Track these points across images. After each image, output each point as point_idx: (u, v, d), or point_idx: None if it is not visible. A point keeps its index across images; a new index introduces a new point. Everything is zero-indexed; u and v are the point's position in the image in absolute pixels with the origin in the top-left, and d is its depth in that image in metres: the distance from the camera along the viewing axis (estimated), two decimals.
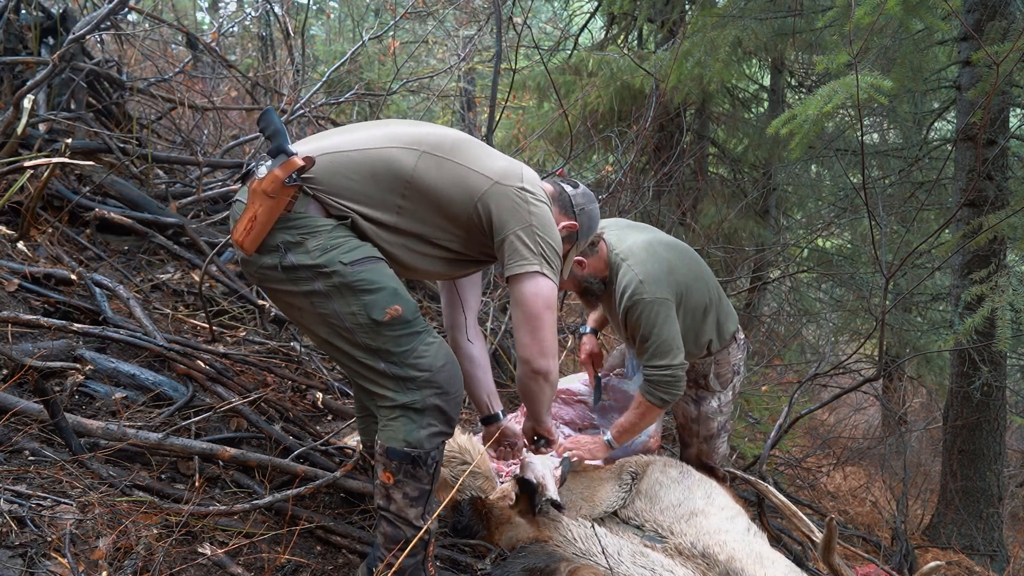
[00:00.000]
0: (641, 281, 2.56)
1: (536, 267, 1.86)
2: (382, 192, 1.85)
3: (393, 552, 1.85)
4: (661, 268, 2.61)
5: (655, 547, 2.39)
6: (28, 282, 2.79)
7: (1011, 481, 6.31)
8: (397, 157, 1.85)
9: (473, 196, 1.87)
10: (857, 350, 4.23)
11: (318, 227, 1.80)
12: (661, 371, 2.58)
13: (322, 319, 1.83)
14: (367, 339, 1.81)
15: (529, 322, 1.90)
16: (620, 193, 5.55)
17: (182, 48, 6.16)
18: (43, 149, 3.44)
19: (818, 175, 7.81)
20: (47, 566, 1.63)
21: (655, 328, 2.55)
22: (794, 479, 5.69)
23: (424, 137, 1.90)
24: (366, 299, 1.79)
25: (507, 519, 2.34)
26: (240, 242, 1.80)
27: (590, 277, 2.70)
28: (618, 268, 2.65)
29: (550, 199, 2.07)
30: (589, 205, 2.19)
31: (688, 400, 2.96)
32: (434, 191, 1.86)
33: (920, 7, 3.82)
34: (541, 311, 1.89)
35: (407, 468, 1.83)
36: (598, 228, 2.77)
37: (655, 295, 2.55)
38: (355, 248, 1.81)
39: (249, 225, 1.77)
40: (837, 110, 3.84)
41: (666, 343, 2.57)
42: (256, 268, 1.84)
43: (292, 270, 1.79)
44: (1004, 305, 4.14)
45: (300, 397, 3.01)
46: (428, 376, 1.82)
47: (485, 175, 1.88)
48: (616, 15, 7.09)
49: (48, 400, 2.02)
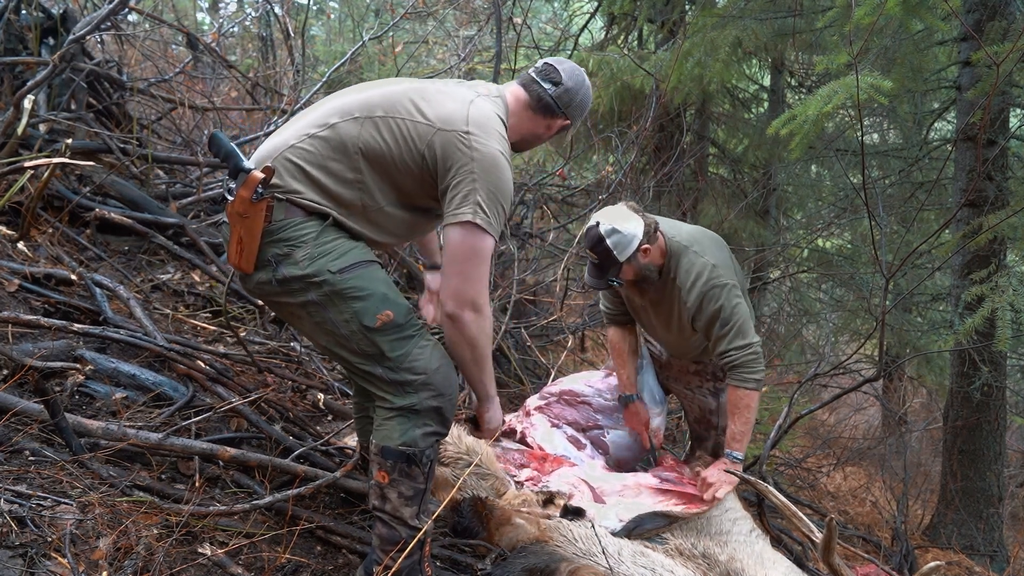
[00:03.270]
0: (715, 266, 2.57)
1: (468, 217, 1.81)
2: (339, 174, 1.84)
3: (391, 554, 1.85)
4: (726, 257, 2.65)
5: (655, 547, 2.39)
6: (28, 282, 2.79)
7: (1011, 481, 6.31)
8: (341, 133, 1.84)
9: (419, 146, 1.84)
10: (857, 350, 4.22)
11: (304, 235, 1.80)
12: (745, 352, 2.59)
13: (320, 328, 1.84)
14: (363, 345, 1.82)
15: (449, 266, 1.85)
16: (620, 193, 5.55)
17: (182, 48, 6.16)
18: (43, 149, 3.44)
19: (818, 175, 7.80)
20: (47, 566, 1.63)
21: (735, 309, 2.57)
22: (794, 479, 5.69)
23: (365, 101, 1.88)
24: (356, 306, 1.79)
25: (507, 519, 2.34)
26: (237, 264, 1.83)
27: (650, 265, 2.65)
28: (681, 254, 2.62)
29: (531, 107, 2.02)
30: (576, 97, 2.05)
31: (706, 393, 2.98)
32: (382, 154, 1.84)
33: (920, 7, 3.82)
34: (464, 258, 1.83)
35: (402, 467, 1.84)
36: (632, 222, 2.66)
37: (729, 279, 2.57)
38: (344, 254, 1.81)
39: (239, 247, 1.80)
40: (837, 110, 3.84)
41: (746, 323, 2.60)
42: (254, 285, 1.86)
43: (286, 282, 1.81)
44: (1004, 305, 4.13)
45: (300, 397, 3.01)
46: (424, 379, 1.83)
47: (428, 123, 1.84)
48: (616, 15, 7.09)
49: (48, 400, 2.02)
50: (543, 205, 6.20)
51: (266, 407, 2.69)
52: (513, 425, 3.05)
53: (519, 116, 2.05)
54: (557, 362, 4.24)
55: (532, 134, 2.09)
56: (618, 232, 2.55)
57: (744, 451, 2.71)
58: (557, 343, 5.02)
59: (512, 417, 3.13)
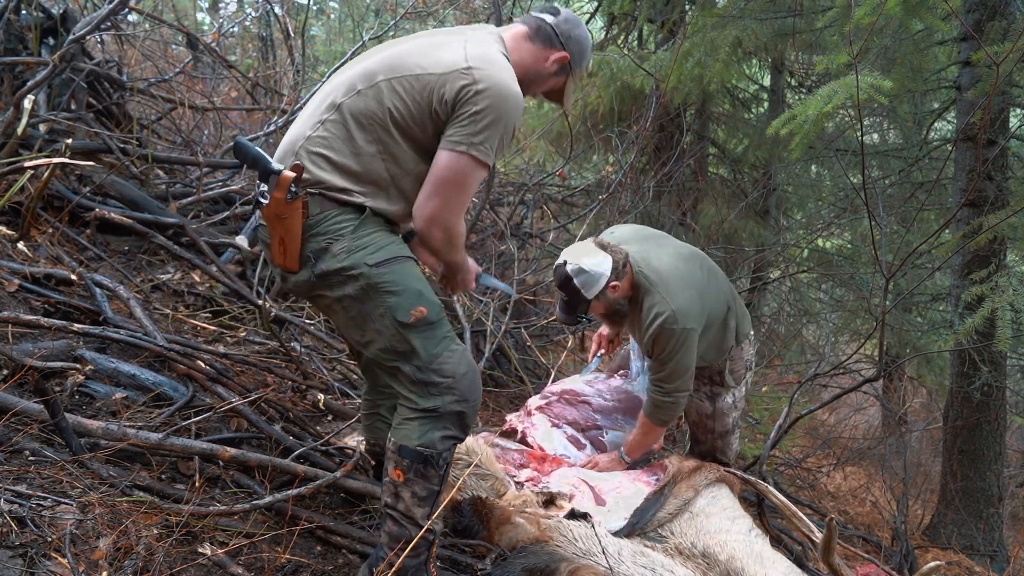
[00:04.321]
0: (674, 311, 2.59)
1: (463, 148, 1.80)
2: (362, 151, 1.84)
3: (395, 551, 1.85)
4: (691, 297, 2.64)
5: (655, 547, 2.39)
6: (28, 282, 2.79)
7: (1011, 481, 6.31)
8: (352, 109, 1.84)
9: (428, 98, 1.83)
10: (857, 350, 4.22)
11: (341, 228, 1.83)
12: (667, 395, 2.71)
13: (353, 322, 1.87)
14: (394, 341, 1.84)
15: (432, 185, 1.83)
16: (620, 193, 5.55)
17: (182, 48, 6.16)
18: (43, 149, 3.44)
19: (818, 175, 7.80)
20: (47, 566, 1.63)
21: (676, 356, 2.63)
22: (794, 479, 5.69)
23: (365, 71, 1.88)
24: (391, 301, 1.82)
25: (507, 519, 2.34)
26: (282, 264, 1.86)
27: (621, 299, 2.71)
28: (647, 292, 2.65)
29: (529, 38, 2.00)
30: (576, 30, 2.05)
31: (703, 397, 2.98)
32: (396, 117, 1.84)
33: (920, 7, 3.82)
34: (450, 184, 1.82)
35: (418, 467, 1.85)
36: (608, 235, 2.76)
37: (684, 326, 2.60)
38: (381, 248, 1.84)
39: (281, 248, 1.84)
40: (837, 110, 3.84)
41: (681, 370, 2.67)
42: (295, 283, 1.90)
43: (324, 276, 1.83)
44: (1004, 305, 4.14)
45: (300, 397, 3.01)
46: (450, 383, 1.84)
47: (430, 73, 1.83)
48: (616, 15, 7.09)
49: (48, 400, 2.02)
50: (543, 205, 6.20)
51: (266, 407, 2.69)
52: (514, 425, 3.06)
53: (519, 50, 2.01)
54: (557, 362, 4.25)
55: (534, 70, 2.03)
56: (585, 272, 2.61)
57: (633, 458, 2.90)
58: (557, 343, 5.02)
59: (513, 417, 3.13)
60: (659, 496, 2.57)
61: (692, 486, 2.63)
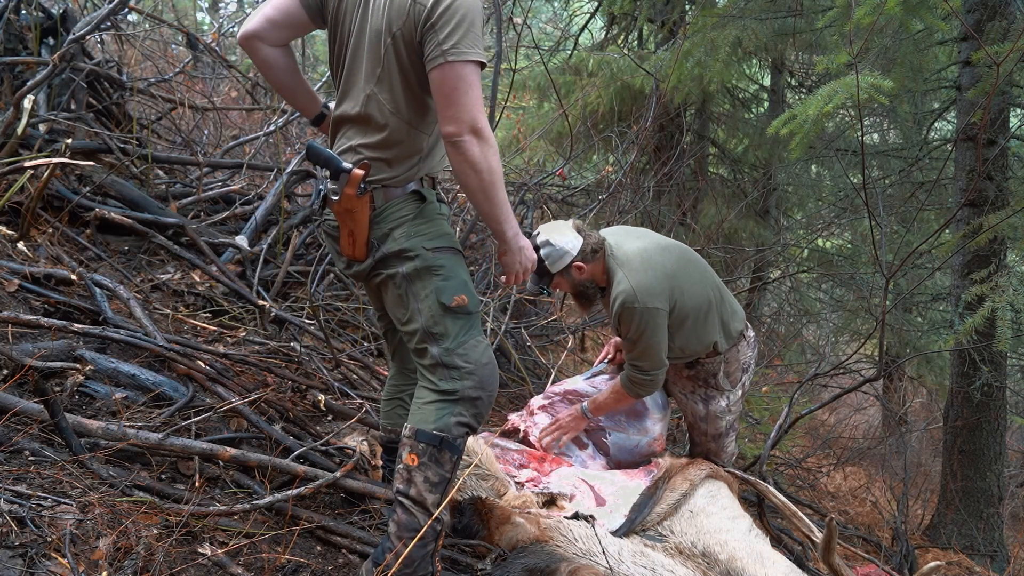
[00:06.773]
0: (633, 288, 2.65)
1: (440, 60, 1.78)
2: (388, 123, 1.90)
3: (403, 541, 1.86)
4: (654, 277, 2.70)
5: (655, 547, 2.39)
6: (28, 282, 2.79)
7: (1011, 481, 6.31)
8: (361, 87, 1.90)
9: (417, 27, 1.82)
10: (857, 350, 4.23)
11: (403, 216, 1.93)
12: (643, 372, 2.78)
13: (399, 300, 1.97)
14: (431, 323, 1.93)
15: (439, 100, 1.82)
16: (620, 193, 5.56)
17: (182, 48, 6.16)
18: (43, 149, 3.44)
19: (818, 175, 7.81)
20: (47, 566, 1.63)
21: (644, 334, 2.69)
22: (794, 479, 5.69)
23: (354, 48, 1.92)
24: (439, 283, 1.92)
25: (507, 519, 2.34)
26: (351, 254, 1.98)
27: (587, 282, 2.80)
28: (614, 274, 2.75)
29: None
30: None
31: (697, 399, 2.98)
32: (396, 69, 1.87)
33: (920, 7, 3.82)
34: (450, 90, 1.80)
35: (432, 451, 1.90)
36: (600, 234, 2.77)
37: (645, 304, 2.65)
38: (438, 236, 1.96)
39: (350, 239, 1.96)
40: (837, 110, 3.84)
41: (650, 349, 2.72)
42: (358, 270, 2.01)
43: (384, 260, 1.96)
44: (1004, 305, 4.14)
45: (300, 397, 3.01)
46: (472, 368, 1.93)
47: (396, 10, 1.83)
48: (616, 15, 7.10)
49: (48, 400, 2.02)
50: (543, 205, 6.20)
51: (266, 407, 2.69)
52: (517, 424, 3.06)
53: None
54: (557, 362, 4.25)
55: None
56: (551, 245, 2.71)
57: (596, 416, 2.96)
58: (557, 343, 5.02)
59: (516, 416, 3.13)
60: (655, 491, 2.59)
61: (687, 478, 2.65)
